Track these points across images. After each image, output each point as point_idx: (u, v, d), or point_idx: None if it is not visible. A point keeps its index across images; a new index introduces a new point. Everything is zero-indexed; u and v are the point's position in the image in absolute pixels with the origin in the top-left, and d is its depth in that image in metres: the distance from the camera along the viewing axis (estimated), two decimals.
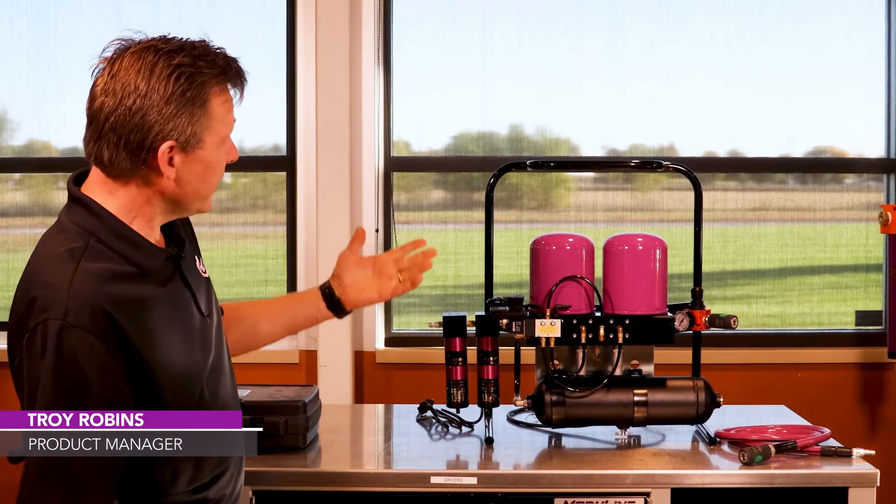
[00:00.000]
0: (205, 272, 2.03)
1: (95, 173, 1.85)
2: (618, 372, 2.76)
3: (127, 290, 1.77)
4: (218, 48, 1.86)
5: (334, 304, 2.38)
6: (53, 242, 1.81)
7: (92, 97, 1.81)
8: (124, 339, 1.74)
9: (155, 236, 1.90)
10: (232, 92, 1.87)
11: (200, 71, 1.80)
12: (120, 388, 1.74)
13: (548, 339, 2.68)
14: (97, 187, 1.85)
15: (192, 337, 1.89)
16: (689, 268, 2.87)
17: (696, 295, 2.79)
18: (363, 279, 2.42)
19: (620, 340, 2.70)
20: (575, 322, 2.69)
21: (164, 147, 1.79)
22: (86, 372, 1.71)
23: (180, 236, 1.98)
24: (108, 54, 1.81)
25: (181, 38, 1.84)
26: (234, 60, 1.87)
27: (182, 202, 1.88)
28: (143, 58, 1.78)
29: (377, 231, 4.12)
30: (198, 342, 1.90)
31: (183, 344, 1.86)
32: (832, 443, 2.62)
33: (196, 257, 2.02)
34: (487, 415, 2.80)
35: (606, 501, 2.47)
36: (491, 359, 2.77)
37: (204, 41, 1.85)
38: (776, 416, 3.00)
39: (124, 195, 1.84)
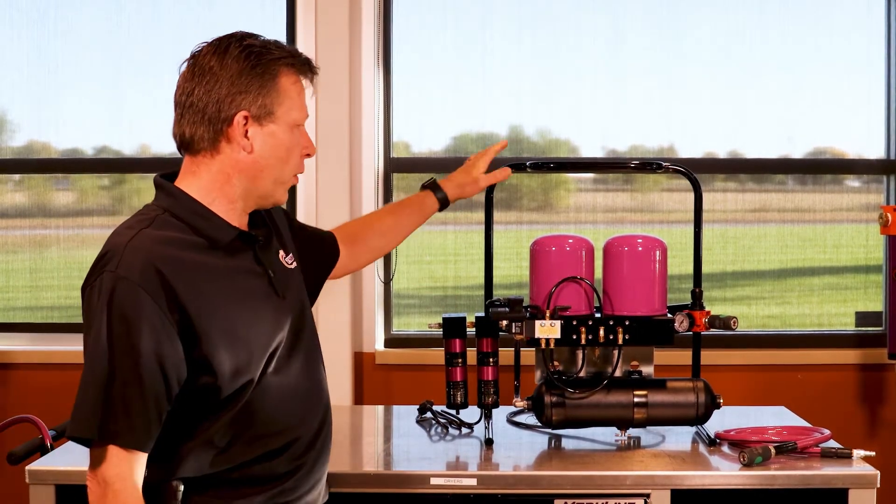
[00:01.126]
0: (291, 264, 2.14)
1: (184, 163, 2.02)
2: (618, 373, 2.76)
3: (186, 255, 1.91)
4: (292, 47, 2.04)
5: (441, 198, 2.71)
6: (130, 219, 1.98)
7: (177, 87, 1.99)
8: (175, 299, 1.86)
9: (240, 220, 2.02)
10: (303, 80, 2.03)
11: (270, 51, 1.98)
12: (166, 344, 1.85)
13: (547, 340, 2.68)
14: (184, 175, 2.01)
15: (258, 312, 1.99)
16: (689, 269, 2.86)
17: (696, 296, 2.79)
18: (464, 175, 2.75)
19: (620, 341, 2.70)
20: (575, 323, 2.69)
21: (239, 117, 1.95)
22: (132, 321, 1.83)
23: (265, 225, 2.11)
24: (193, 52, 2.00)
25: (256, 33, 2.03)
26: (304, 54, 2.04)
27: (258, 182, 2.00)
28: (220, 44, 1.98)
29: None
30: (266, 318, 2.00)
31: (245, 316, 1.96)
32: (832, 444, 2.62)
33: (281, 250, 2.14)
34: (487, 416, 2.80)
35: (606, 502, 2.47)
36: (491, 360, 2.77)
37: (278, 40, 2.03)
38: (776, 418, 3.00)
39: (206, 174, 1.99)
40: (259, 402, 1.97)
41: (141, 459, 1.86)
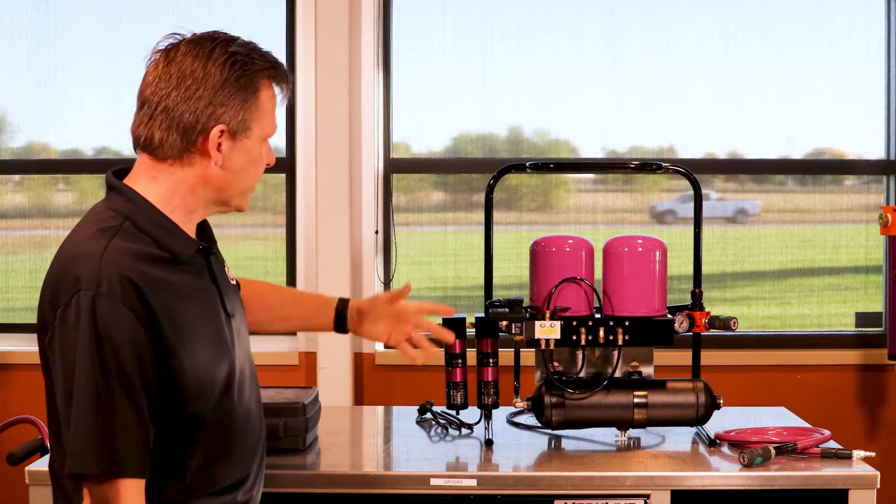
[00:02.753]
0: (233, 279, 2.06)
1: (141, 161, 1.90)
2: (617, 374, 2.76)
3: (156, 272, 1.81)
4: (266, 50, 1.94)
5: (341, 324, 2.38)
6: (87, 224, 1.85)
7: (145, 83, 1.87)
8: (152, 317, 1.77)
9: (191, 230, 1.93)
10: (278, 91, 1.95)
11: (253, 61, 1.88)
12: (149, 363, 1.76)
13: (547, 340, 2.68)
14: (141, 175, 1.89)
15: (216, 333, 1.91)
16: (689, 269, 2.86)
17: (696, 296, 2.79)
18: (382, 320, 2.40)
19: (620, 342, 2.69)
20: (574, 324, 2.69)
21: (216, 130, 1.85)
22: (119, 343, 1.73)
23: (211, 236, 2.02)
24: (163, 46, 1.89)
25: (233, 34, 1.92)
26: (281, 62, 1.95)
27: (225, 193, 1.92)
28: (200, 46, 1.86)
29: (377, 233, 4.12)
30: (221, 340, 1.91)
31: (207, 339, 1.88)
32: (832, 444, 2.62)
33: (225, 263, 2.05)
34: (487, 416, 2.80)
35: (606, 503, 2.46)
36: (490, 360, 2.77)
37: (253, 41, 1.93)
38: (776, 418, 3.00)
39: (168, 181, 1.87)
40: (221, 430, 1.89)
41: (143, 487, 1.77)
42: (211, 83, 1.84)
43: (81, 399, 1.72)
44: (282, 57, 4.10)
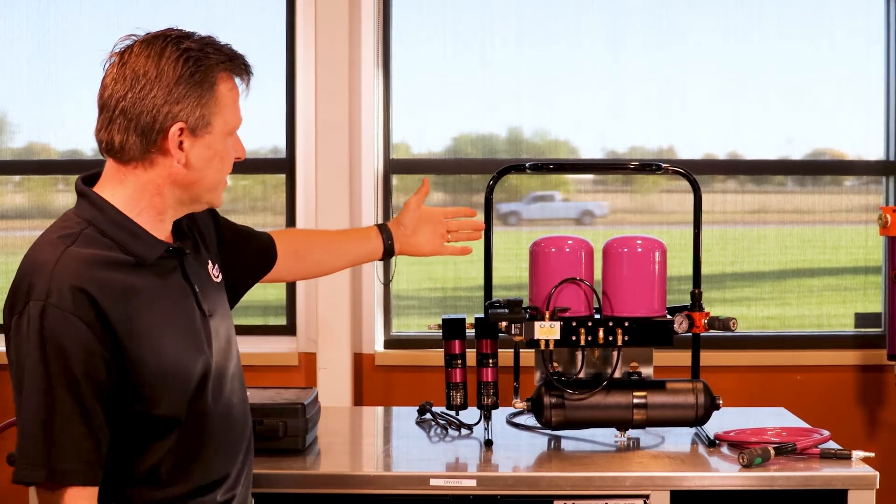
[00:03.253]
0: (217, 277, 2.05)
1: (108, 166, 1.90)
2: (617, 374, 2.76)
3: (115, 277, 1.80)
4: (224, 42, 1.92)
5: (387, 245, 2.53)
6: (51, 230, 1.86)
7: (103, 87, 1.86)
8: (107, 324, 1.76)
9: (164, 231, 1.92)
10: (238, 83, 1.92)
11: (207, 56, 1.86)
12: (102, 371, 1.76)
13: (547, 341, 2.68)
14: (108, 180, 1.88)
15: (188, 333, 1.89)
16: (689, 270, 2.86)
17: (696, 297, 2.79)
18: (420, 228, 2.58)
19: (620, 343, 2.70)
20: (574, 324, 2.69)
21: (175, 129, 1.84)
22: (69, 353, 1.73)
23: (190, 235, 2.01)
24: (118, 49, 1.88)
25: (188, 30, 1.91)
26: (241, 54, 1.93)
27: (192, 191, 1.90)
28: (152, 45, 1.85)
29: None
30: (195, 340, 1.90)
31: (176, 339, 1.86)
32: (831, 445, 2.62)
33: (209, 261, 2.04)
34: (487, 417, 2.80)
35: (606, 503, 2.47)
36: (490, 361, 2.77)
37: (211, 35, 1.92)
38: (775, 419, 3.00)
39: (134, 183, 1.87)
40: (196, 430, 1.88)
41: (95, 494, 1.77)
42: (165, 81, 1.82)
43: (29, 408, 1.73)
44: (282, 57, 4.14)
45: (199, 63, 1.85)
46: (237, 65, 1.91)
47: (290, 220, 4.14)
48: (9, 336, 1.79)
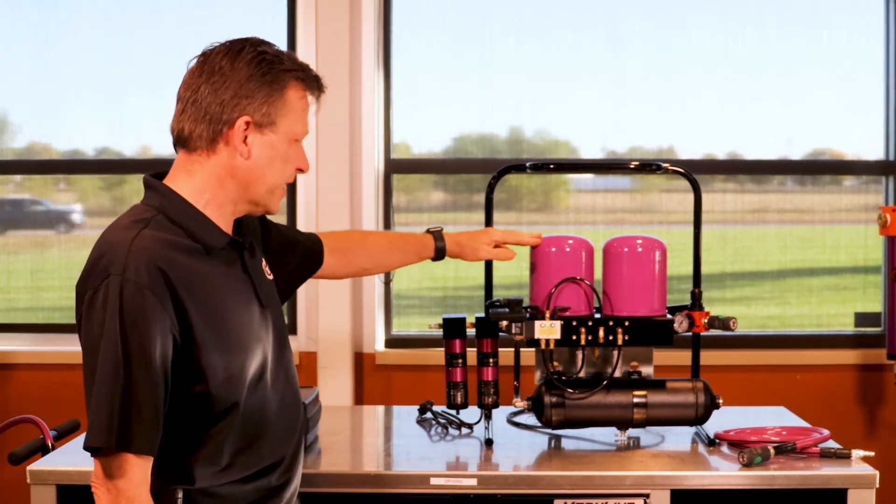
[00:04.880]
0: (269, 274, 2.13)
1: (178, 158, 1.98)
2: (617, 373, 2.77)
3: (185, 260, 1.89)
4: (304, 61, 2.02)
5: (439, 247, 2.65)
6: (123, 218, 1.94)
7: (182, 82, 1.97)
8: (178, 304, 1.85)
9: (227, 226, 2.00)
10: (309, 96, 2.02)
11: (282, 62, 1.97)
12: (169, 347, 1.84)
13: (547, 340, 2.68)
14: (177, 171, 1.97)
15: (249, 322, 1.98)
16: (689, 269, 2.87)
17: (696, 296, 2.80)
18: (478, 237, 2.72)
19: (620, 342, 2.70)
20: (574, 324, 2.69)
21: (241, 122, 1.93)
22: (144, 326, 1.81)
23: (248, 233, 2.08)
24: (205, 49, 1.98)
25: (271, 41, 2.01)
26: (315, 72, 2.02)
27: (251, 190, 1.98)
28: (233, 46, 1.96)
29: None
30: (255, 328, 1.99)
31: (238, 326, 1.95)
32: (831, 444, 2.63)
33: (263, 258, 2.13)
34: (487, 416, 2.80)
35: (606, 503, 2.47)
36: (491, 360, 2.77)
37: (291, 51, 2.04)
38: (775, 418, 3.01)
39: (200, 173, 1.95)
40: (255, 415, 1.96)
41: (150, 464, 1.84)
42: (237, 77, 1.92)
43: (103, 377, 1.80)
44: None
45: (273, 66, 1.95)
46: (310, 76, 2.00)
47: (291, 220, 4.15)
48: (81, 311, 1.86)
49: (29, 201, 4.44)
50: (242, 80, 1.93)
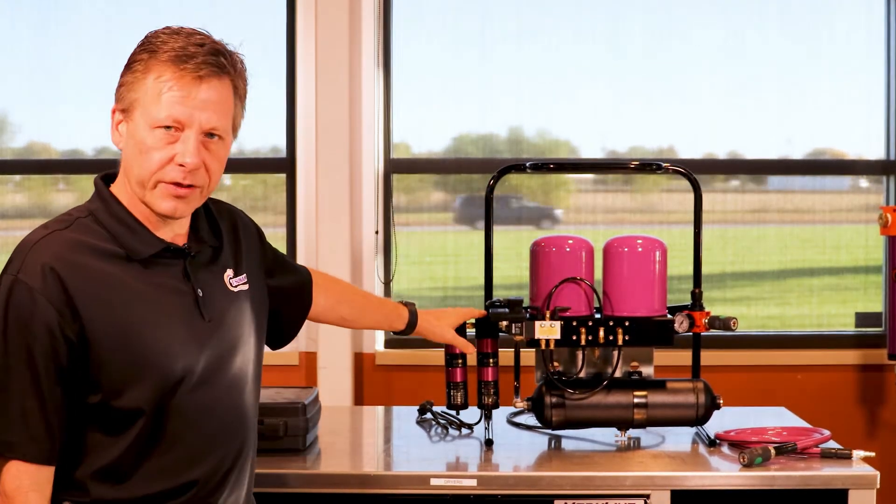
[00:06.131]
0: (236, 287, 1.99)
1: None
2: (617, 374, 2.76)
3: (95, 264, 1.81)
4: (207, 40, 1.90)
5: (411, 321, 2.58)
6: (52, 219, 1.89)
7: None
8: (73, 308, 1.77)
9: (170, 231, 1.90)
10: (178, 77, 1.83)
11: (161, 43, 1.85)
12: (63, 351, 1.77)
13: (547, 340, 2.68)
14: (120, 174, 1.92)
15: (175, 333, 1.86)
16: (689, 269, 2.87)
17: (696, 297, 2.79)
18: (445, 317, 2.66)
19: (620, 342, 2.70)
20: (574, 324, 2.69)
21: (115, 107, 1.89)
22: (30, 329, 1.75)
23: (217, 240, 1.98)
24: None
25: (188, 27, 1.93)
26: (206, 51, 1.86)
27: (132, 183, 1.87)
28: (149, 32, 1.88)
29: (377, 233, 4.12)
30: (181, 341, 1.86)
31: (156, 335, 1.83)
32: (832, 444, 2.62)
33: (230, 269, 1.99)
34: (487, 416, 2.80)
35: (606, 503, 2.47)
36: (491, 360, 2.77)
37: (202, 33, 1.92)
38: (776, 418, 3.00)
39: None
40: (161, 431, 1.84)
41: (45, 473, 1.77)
42: (126, 64, 1.87)
43: None
44: (282, 57, 4.14)
45: (145, 47, 1.85)
46: (181, 56, 1.84)
47: (291, 220, 4.15)
48: None
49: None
50: (125, 67, 1.87)
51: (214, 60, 1.85)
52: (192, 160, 1.83)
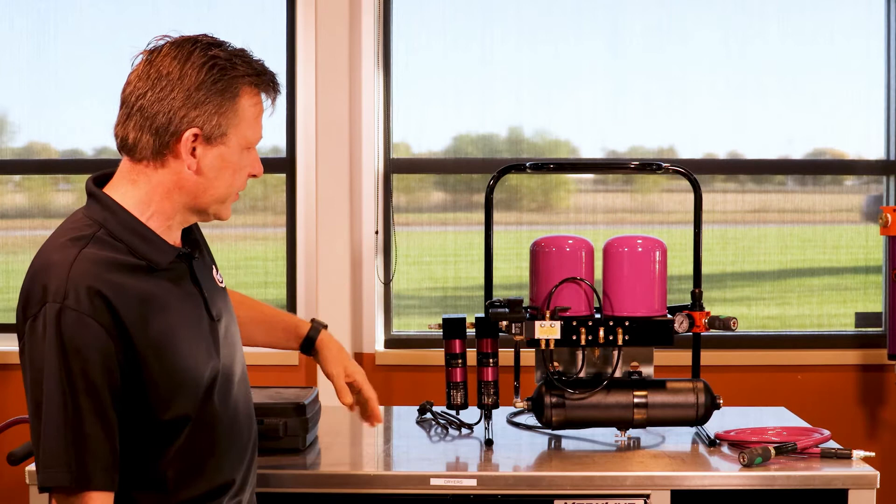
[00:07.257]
0: (221, 282, 2.04)
1: (121, 165, 1.88)
2: (617, 374, 2.76)
3: (128, 281, 1.78)
4: (258, 57, 1.90)
5: (312, 335, 2.43)
6: (61, 232, 1.84)
7: (127, 82, 1.85)
8: (122, 328, 1.75)
9: (172, 237, 1.91)
10: (264, 99, 1.90)
11: (235, 66, 1.84)
12: (116, 374, 1.76)
13: (547, 340, 2.68)
14: (121, 179, 1.87)
15: (199, 338, 1.89)
16: (689, 269, 2.87)
17: (696, 297, 2.79)
18: (344, 358, 2.50)
19: (620, 342, 2.70)
20: (574, 324, 2.69)
21: (189, 134, 1.82)
22: (87, 356, 1.72)
23: (196, 241, 2.00)
24: (149, 47, 1.86)
25: (221, 39, 1.89)
26: (271, 71, 1.91)
27: (199, 200, 1.88)
28: (181, 47, 1.83)
29: (377, 233, 4.13)
30: (204, 345, 1.90)
31: (187, 344, 1.85)
32: (832, 444, 2.62)
33: (213, 265, 2.04)
34: (487, 416, 2.80)
35: (606, 503, 2.47)
36: (490, 360, 2.77)
37: (244, 48, 1.89)
38: (776, 418, 3.00)
39: (145, 185, 1.85)
40: (202, 436, 1.87)
41: (111, 500, 1.77)
42: (186, 85, 1.81)
43: (51, 411, 1.72)
44: (282, 57, 4.14)
45: (224, 72, 1.83)
46: (264, 80, 1.89)
47: (291, 220, 4.15)
48: (22, 340, 1.78)
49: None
50: (191, 89, 1.80)
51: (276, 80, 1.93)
52: (262, 170, 1.95)
